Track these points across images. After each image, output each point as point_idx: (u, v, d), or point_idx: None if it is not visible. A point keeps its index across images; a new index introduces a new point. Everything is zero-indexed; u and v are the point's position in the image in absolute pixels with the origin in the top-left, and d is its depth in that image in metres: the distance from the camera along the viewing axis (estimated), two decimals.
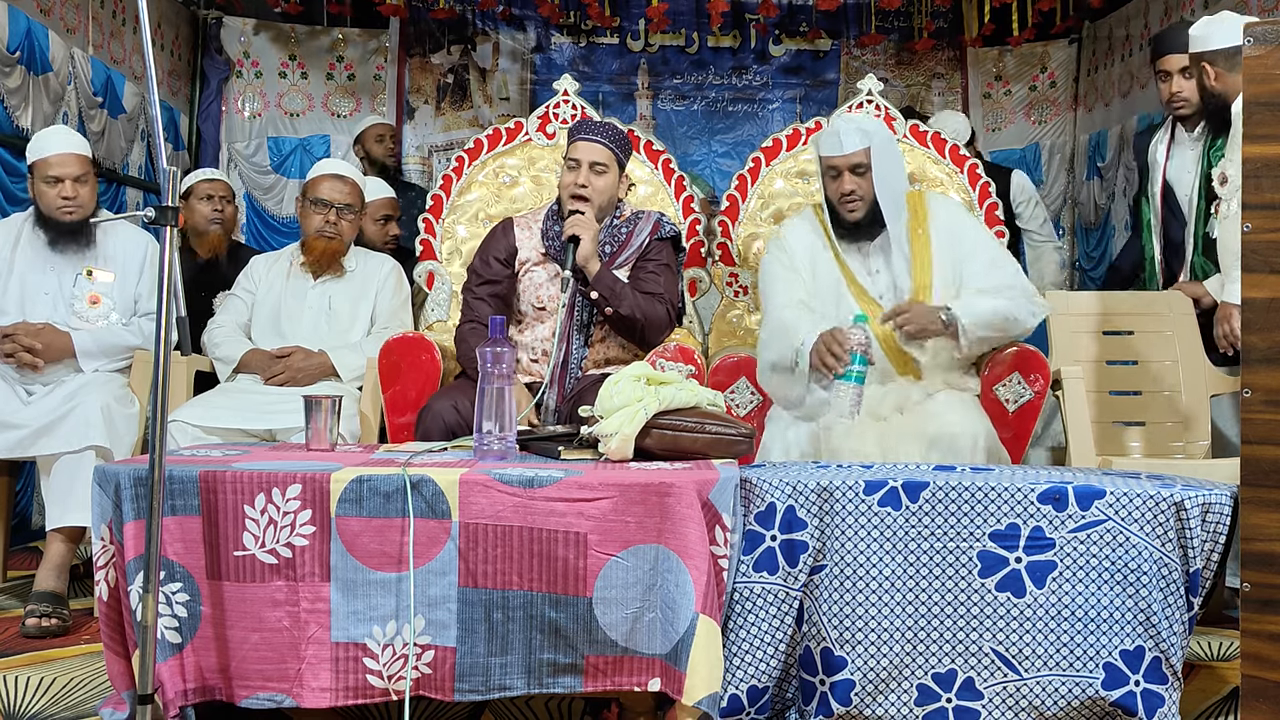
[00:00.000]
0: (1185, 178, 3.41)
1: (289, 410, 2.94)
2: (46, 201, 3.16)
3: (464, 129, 6.36)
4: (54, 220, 3.17)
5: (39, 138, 3.25)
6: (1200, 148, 3.35)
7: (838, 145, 2.89)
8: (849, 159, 2.88)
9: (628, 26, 6.41)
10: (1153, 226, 3.55)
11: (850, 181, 2.89)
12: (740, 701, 2.06)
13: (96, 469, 2.03)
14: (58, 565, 2.89)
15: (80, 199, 3.16)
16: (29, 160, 3.20)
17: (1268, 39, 1.77)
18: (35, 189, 3.18)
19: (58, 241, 3.19)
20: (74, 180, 3.14)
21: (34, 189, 3.19)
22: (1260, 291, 1.77)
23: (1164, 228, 3.49)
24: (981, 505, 2.05)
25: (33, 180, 3.18)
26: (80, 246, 3.21)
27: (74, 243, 3.20)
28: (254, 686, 1.99)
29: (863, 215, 2.91)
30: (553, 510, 1.95)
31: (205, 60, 6.12)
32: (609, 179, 3.00)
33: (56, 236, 3.19)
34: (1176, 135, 3.48)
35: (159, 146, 1.94)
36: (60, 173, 3.13)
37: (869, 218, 2.92)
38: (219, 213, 4.04)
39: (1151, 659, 2.01)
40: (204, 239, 3.99)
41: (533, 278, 3.04)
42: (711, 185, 5.92)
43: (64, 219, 3.15)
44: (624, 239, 3.04)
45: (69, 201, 3.14)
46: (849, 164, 2.88)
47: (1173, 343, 3.27)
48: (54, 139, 3.23)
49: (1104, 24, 6.10)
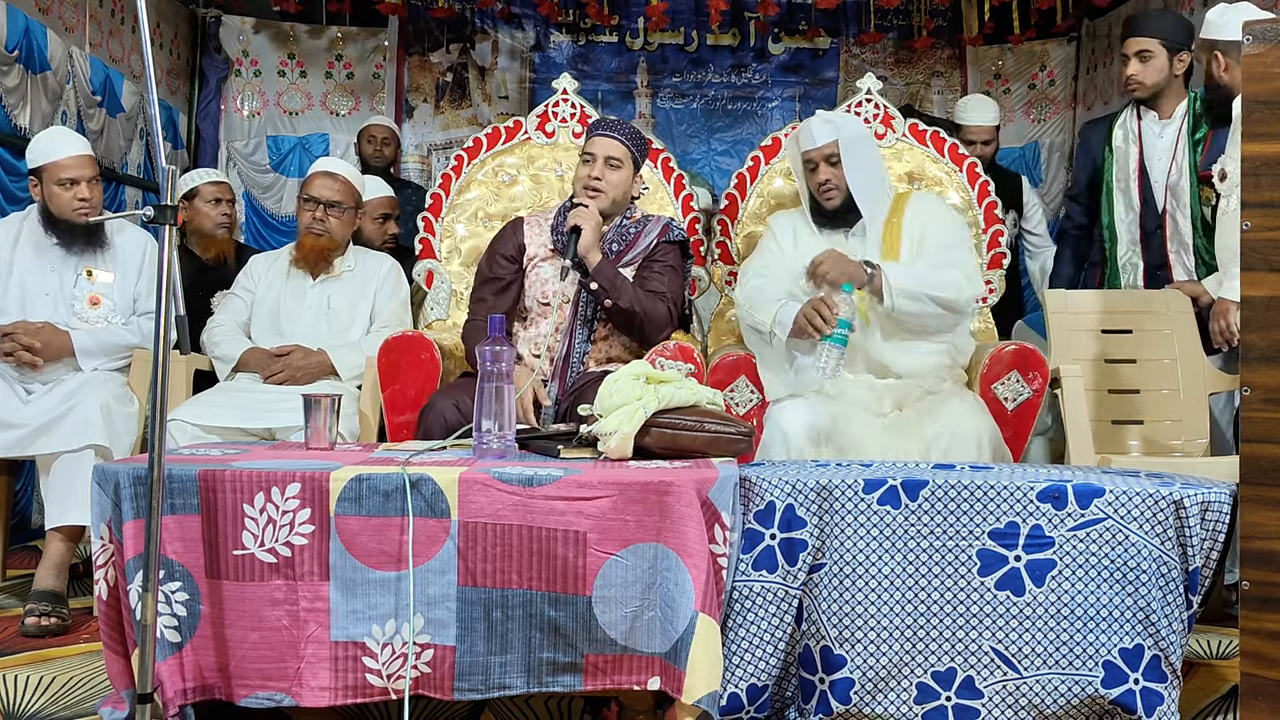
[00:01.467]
0: (1158, 165, 3.43)
1: (288, 409, 2.94)
2: (60, 204, 3.15)
3: (463, 128, 6.36)
4: (66, 222, 3.17)
5: (42, 139, 3.24)
6: (1171, 133, 3.37)
7: (810, 139, 3.08)
8: (821, 150, 3.06)
9: (627, 25, 6.41)
10: (1118, 217, 3.55)
11: (825, 171, 3.06)
12: (740, 700, 2.06)
13: (96, 468, 2.03)
14: (57, 564, 2.89)
15: (94, 200, 3.18)
16: (33, 163, 3.18)
17: (1267, 37, 1.77)
18: (45, 191, 3.16)
19: (72, 243, 3.20)
20: (87, 182, 3.16)
21: (43, 191, 3.17)
22: (1259, 290, 1.77)
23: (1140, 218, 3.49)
24: (981, 504, 2.05)
25: (40, 183, 3.17)
26: (94, 247, 3.23)
27: (88, 244, 3.22)
28: (253, 685, 1.99)
29: (839, 203, 3.07)
30: (552, 509, 1.95)
31: (204, 59, 6.11)
32: (623, 174, 3.04)
33: (70, 238, 3.19)
34: (1145, 122, 3.48)
35: (158, 145, 1.94)
36: (75, 175, 3.14)
37: (845, 205, 3.07)
38: (226, 216, 4.03)
39: (1151, 657, 2.01)
40: (212, 242, 3.95)
41: (539, 273, 3.06)
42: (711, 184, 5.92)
43: (79, 220, 3.15)
44: (632, 239, 3.05)
45: (85, 203, 3.15)
46: (822, 155, 3.06)
47: (1171, 341, 3.27)
48: (61, 141, 3.22)
49: (1103, 22, 6.10)
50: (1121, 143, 3.54)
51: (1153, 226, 3.44)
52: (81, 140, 3.27)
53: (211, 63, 6.12)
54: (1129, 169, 3.50)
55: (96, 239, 3.23)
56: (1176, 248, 3.42)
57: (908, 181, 3.48)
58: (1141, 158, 3.47)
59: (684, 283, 3.17)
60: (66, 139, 3.25)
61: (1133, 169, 3.49)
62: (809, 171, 3.10)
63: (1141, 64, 3.41)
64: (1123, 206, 3.54)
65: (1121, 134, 3.55)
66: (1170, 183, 3.41)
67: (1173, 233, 3.43)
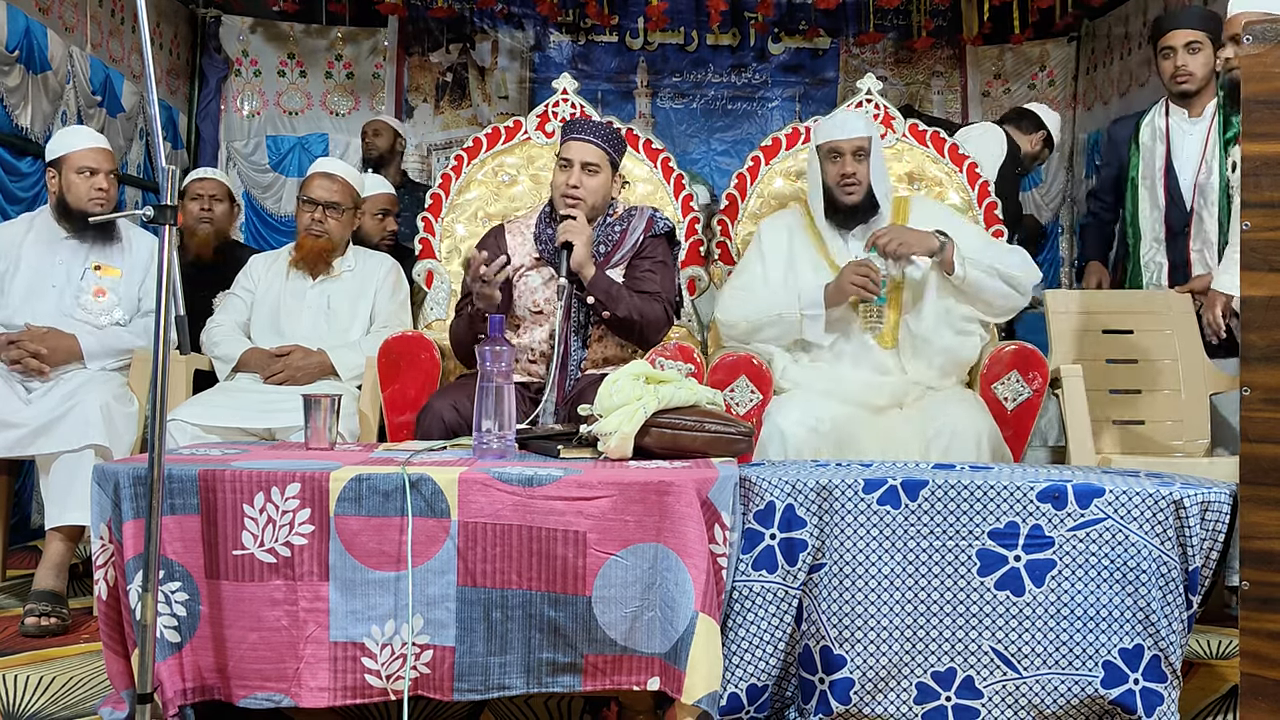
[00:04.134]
0: (1189, 164, 3.39)
1: (288, 409, 2.94)
2: (78, 193, 3.20)
3: (463, 127, 6.36)
4: (81, 212, 3.18)
5: (65, 134, 3.35)
6: (1200, 131, 3.33)
7: (842, 129, 3.03)
8: (853, 142, 3.01)
9: (626, 25, 6.41)
10: (1143, 214, 3.53)
11: (851, 164, 3.01)
12: (740, 700, 2.06)
13: (96, 468, 2.03)
14: (57, 564, 2.88)
15: (110, 193, 3.24)
16: (53, 154, 3.24)
17: (1267, 37, 1.77)
18: (64, 181, 3.21)
19: (84, 234, 3.23)
20: (105, 174, 3.22)
21: (61, 181, 3.21)
22: (1259, 290, 1.77)
23: (1165, 216, 3.47)
24: (981, 504, 2.05)
25: (59, 174, 3.21)
26: (105, 240, 3.27)
27: (98, 237, 3.25)
28: (252, 686, 1.99)
29: (859, 199, 3.03)
30: (552, 509, 1.95)
31: (204, 59, 6.12)
32: (601, 179, 2.98)
33: (83, 228, 3.21)
34: (1173, 120, 3.45)
35: (158, 146, 1.94)
36: (95, 164, 3.21)
37: (864, 203, 3.03)
38: (207, 211, 4.06)
39: (1151, 657, 2.01)
40: (192, 238, 4.02)
41: (528, 282, 3.03)
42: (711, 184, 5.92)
43: (94, 210, 3.18)
44: (618, 238, 3.03)
45: (102, 194, 3.20)
46: (852, 146, 3.01)
47: (1172, 341, 3.28)
48: (84, 135, 3.33)
49: (1103, 22, 6.10)
50: (1149, 140, 3.49)
51: (1180, 225, 3.41)
52: (103, 138, 3.36)
53: (211, 63, 6.12)
54: (1155, 166, 3.47)
55: (108, 232, 3.27)
56: (1200, 246, 3.39)
57: (908, 182, 3.47)
58: (1169, 155, 3.44)
59: (675, 273, 3.13)
60: (89, 134, 3.37)
61: (1159, 167, 3.46)
62: (831, 162, 3.04)
63: (1191, 55, 3.34)
64: (1148, 204, 3.51)
65: (1149, 131, 3.50)
66: (1199, 181, 3.37)
67: (1198, 231, 3.39)
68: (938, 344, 2.96)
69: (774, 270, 3.08)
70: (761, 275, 3.10)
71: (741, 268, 3.21)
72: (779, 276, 3.06)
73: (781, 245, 3.13)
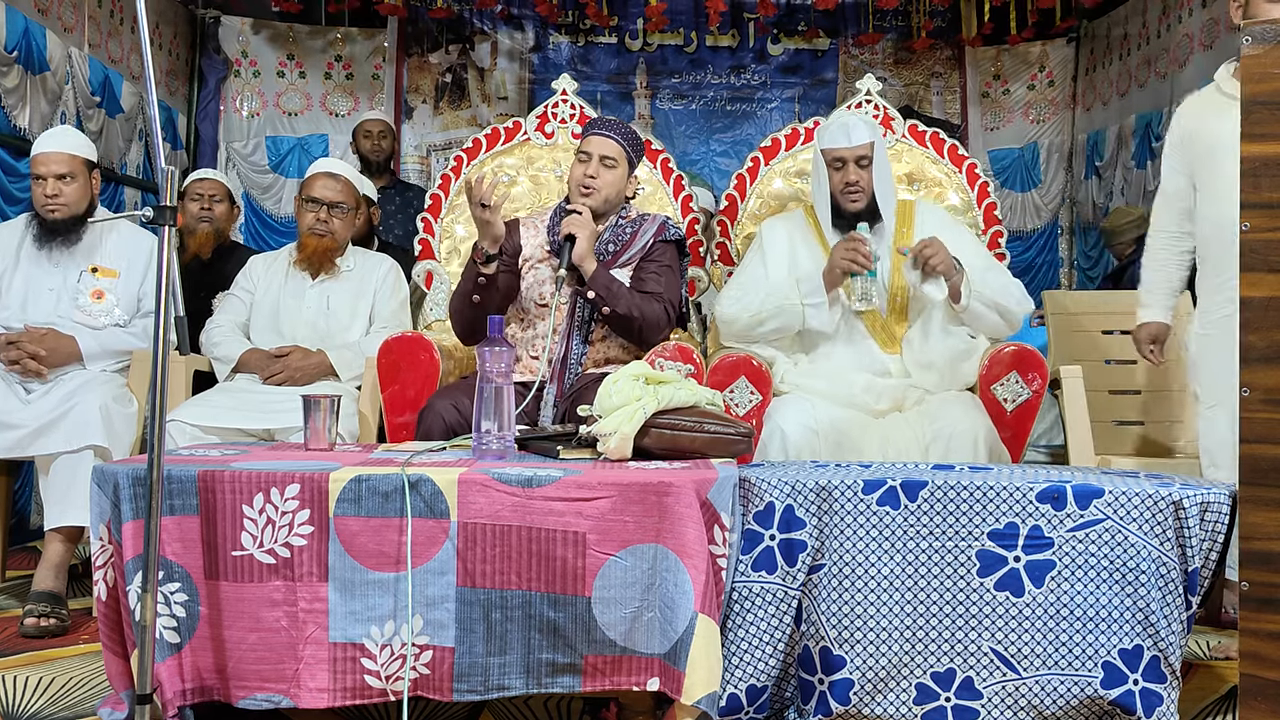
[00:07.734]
0: None
1: (287, 410, 2.94)
2: (34, 198, 3.19)
3: (462, 128, 6.37)
4: (40, 217, 3.18)
5: (41, 136, 3.27)
6: None
7: (846, 137, 3.01)
8: (855, 150, 3.00)
9: (626, 26, 6.41)
10: None
11: (854, 172, 3.00)
12: (739, 701, 2.06)
13: (95, 469, 2.03)
14: (56, 565, 2.88)
15: (64, 197, 3.15)
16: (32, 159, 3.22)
17: (1267, 38, 1.77)
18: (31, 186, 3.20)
19: (46, 240, 3.18)
20: (57, 178, 3.14)
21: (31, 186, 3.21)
22: (1259, 290, 1.77)
23: None
24: (980, 504, 2.05)
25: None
26: (69, 245, 3.20)
27: (63, 242, 3.19)
28: (251, 687, 1.99)
29: (863, 206, 3.02)
30: (551, 510, 1.95)
31: (203, 59, 6.12)
32: (618, 174, 3.02)
33: (44, 234, 3.19)
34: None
35: (157, 146, 1.93)
36: (44, 170, 3.15)
37: (868, 210, 3.03)
38: (207, 212, 4.06)
39: (1150, 658, 2.01)
40: (191, 238, 4.02)
41: (536, 274, 3.05)
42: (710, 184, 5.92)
43: (47, 216, 3.16)
44: (628, 239, 3.05)
45: (51, 199, 3.14)
46: (855, 155, 3.00)
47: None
48: (48, 137, 3.24)
49: (1102, 23, 6.11)
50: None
51: None
52: (73, 139, 3.26)
53: (211, 63, 6.12)
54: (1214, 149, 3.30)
55: (73, 238, 3.19)
56: None
57: (907, 183, 3.47)
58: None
59: (681, 281, 3.16)
60: (56, 137, 3.25)
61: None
62: (834, 169, 3.03)
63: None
64: None
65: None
66: None
67: None
68: (943, 358, 2.96)
69: (775, 270, 3.08)
70: (763, 275, 3.10)
71: (742, 267, 3.21)
72: (780, 276, 3.06)
73: (783, 246, 3.14)
